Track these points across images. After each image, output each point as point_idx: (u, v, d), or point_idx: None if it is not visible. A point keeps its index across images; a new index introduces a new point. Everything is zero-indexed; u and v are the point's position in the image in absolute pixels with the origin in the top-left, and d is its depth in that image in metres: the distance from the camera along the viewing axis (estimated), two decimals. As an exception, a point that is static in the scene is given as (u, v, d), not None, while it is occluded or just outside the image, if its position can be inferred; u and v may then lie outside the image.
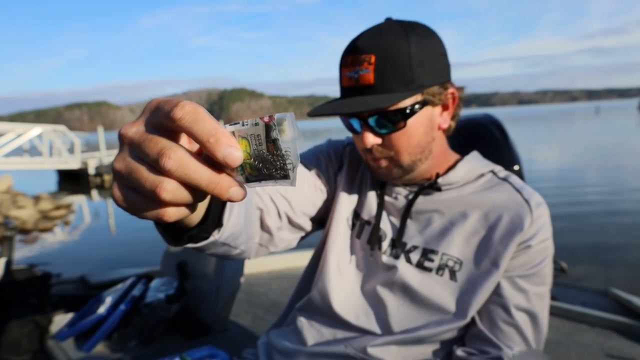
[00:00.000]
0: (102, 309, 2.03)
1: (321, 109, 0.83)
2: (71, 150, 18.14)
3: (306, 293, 1.01)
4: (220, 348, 1.67)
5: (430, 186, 0.90)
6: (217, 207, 0.58)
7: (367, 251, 0.95)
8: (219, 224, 0.59)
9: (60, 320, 2.15)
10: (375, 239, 0.94)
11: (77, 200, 14.53)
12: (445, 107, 0.88)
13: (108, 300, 2.09)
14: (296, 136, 0.36)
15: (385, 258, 0.92)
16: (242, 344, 2.11)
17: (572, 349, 2.32)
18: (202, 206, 0.53)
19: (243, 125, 0.37)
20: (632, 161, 15.31)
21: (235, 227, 0.65)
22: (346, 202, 0.99)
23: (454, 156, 0.96)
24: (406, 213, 0.92)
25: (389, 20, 0.85)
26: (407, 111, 0.82)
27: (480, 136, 3.50)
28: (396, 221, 0.94)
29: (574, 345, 2.36)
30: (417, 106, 0.82)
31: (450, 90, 0.86)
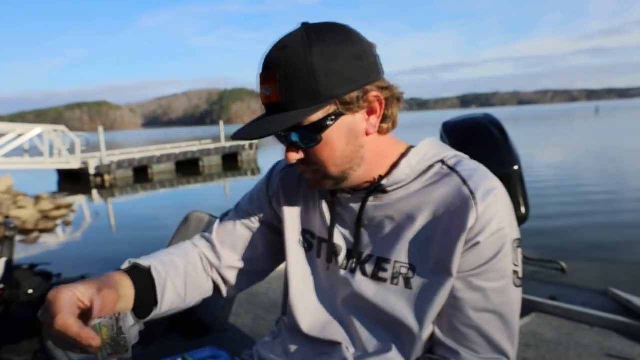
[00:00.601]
0: (102, 309, 2.04)
1: (238, 132, 0.82)
2: (71, 150, 18.14)
3: (285, 312, 1.03)
4: (221, 348, 1.67)
5: (376, 190, 0.87)
6: (148, 295, 0.88)
7: (328, 267, 0.94)
8: (155, 303, 0.89)
9: (61, 320, 2.15)
10: (330, 255, 0.93)
11: (78, 200, 14.53)
12: (371, 112, 0.83)
13: (108, 300, 2.10)
14: (130, 325, 0.72)
15: (343, 272, 0.91)
16: (242, 344, 2.11)
17: (571, 349, 2.32)
18: (129, 301, 0.83)
19: (105, 318, 0.70)
20: (632, 161, 15.31)
21: (174, 300, 0.94)
22: (293, 225, 0.99)
23: (400, 151, 0.89)
24: (358, 222, 0.89)
25: (301, 27, 0.81)
26: (321, 125, 0.79)
27: (480, 136, 3.49)
28: (350, 232, 0.91)
29: (574, 344, 2.36)
30: (330, 119, 0.79)
31: (372, 94, 0.81)
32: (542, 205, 8.62)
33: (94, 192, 16.43)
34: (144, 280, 0.89)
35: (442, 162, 0.87)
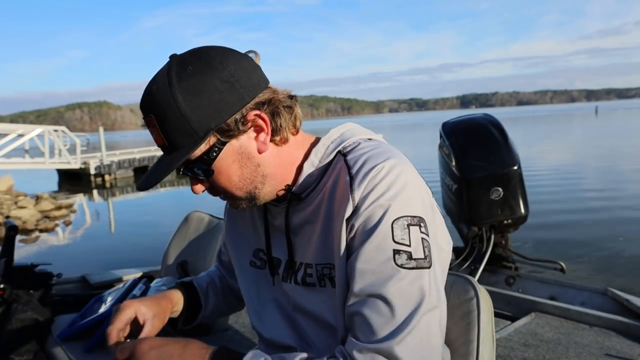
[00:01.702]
0: (103, 309, 2.04)
1: (139, 185, 0.84)
2: (72, 151, 18.16)
3: None
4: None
5: (293, 199, 0.87)
6: (195, 302, 1.09)
7: (276, 281, 0.96)
8: (200, 308, 1.11)
9: (61, 320, 2.15)
10: (272, 270, 0.95)
11: (78, 200, 14.54)
12: (258, 129, 0.81)
13: (109, 300, 2.09)
14: None
15: (284, 284, 0.93)
16: (242, 344, 2.11)
17: (571, 348, 2.32)
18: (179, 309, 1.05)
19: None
20: (632, 161, 15.30)
21: (217, 304, 1.14)
22: (241, 249, 1.03)
23: (304, 152, 0.89)
24: (287, 232, 0.89)
25: (168, 61, 0.80)
26: (207, 158, 0.79)
27: (480, 136, 3.50)
28: (282, 242, 0.92)
29: (573, 344, 2.36)
30: (214, 150, 0.79)
31: (253, 113, 0.79)
32: (542, 204, 8.62)
33: (95, 192, 16.44)
34: (190, 293, 1.09)
35: (340, 152, 0.86)
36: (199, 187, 0.86)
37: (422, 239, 0.77)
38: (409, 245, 0.75)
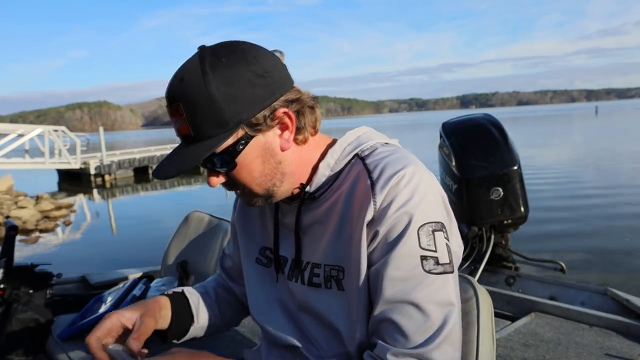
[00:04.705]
0: (103, 309, 2.04)
1: (157, 173, 0.82)
2: (72, 151, 18.16)
3: None
4: (221, 348, 1.68)
5: (306, 198, 0.87)
6: (185, 314, 1.04)
7: (281, 280, 0.96)
8: (192, 320, 1.05)
9: (61, 320, 2.15)
10: (278, 268, 0.95)
11: (78, 200, 14.55)
12: (283, 127, 0.82)
13: (109, 300, 2.09)
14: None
15: (290, 283, 0.92)
16: (242, 343, 2.11)
17: (571, 349, 2.32)
18: (166, 319, 0.99)
19: (117, 346, 0.85)
20: (632, 161, 15.30)
21: (210, 317, 1.08)
22: (249, 246, 1.02)
23: (320, 153, 0.89)
24: (297, 231, 0.90)
25: (198, 51, 0.79)
26: (233, 150, 0.79)
27: (480, 136, 3.50)
28: (291, 241, 0.92)
29: (573, 344, 2.36)
30: (241, 143, 0.79)
31: (281, 110, 0.80)
32: (542, 204, 8.62)
33: (95, 192, 16.44)
34: (180, 301, 1.04)
35: (357, 155, 0.86)
36: (217, 180, 0.84)
37: (446, 244, 0.78)
38: (435, 251, 0.77)
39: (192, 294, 1.07)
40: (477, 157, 3.06)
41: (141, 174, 19.37)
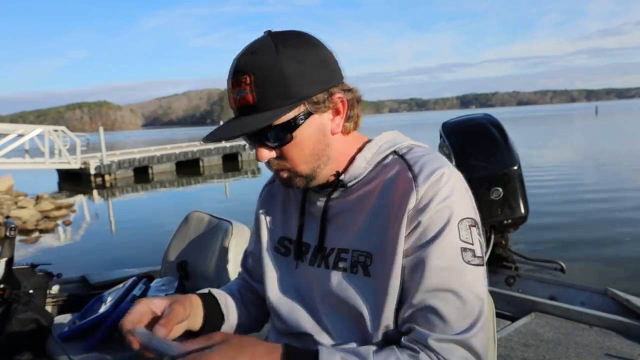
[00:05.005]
0: (103, 309, 2.04)
1: (210, 135, 0.86)
2: (72, 151, 18.16)
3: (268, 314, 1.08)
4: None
5: (338, 186, 0.92)
6: (216, 313, 1.01)
7: (300, 266, 0.98)
8: (222, 320, 1.02)
9: (61, 320, 2.15)
10: (298, 254, 0.97)
11: (78, 200, 14.55)
12: (336, 112, 0.88)
13: (109, 300, 2.10)
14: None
15: (311, 269, 0.95)
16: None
17: (571, 349, 2.32)
18: (198, 318, 0.96)
19: (143, 330, 0.79)
20: (632, 161, 15.31)
21: (239, 315, 1.06)
22: (269, 236, 1.06)
23: (358, 146, 0.94)
24: (323, 219, 0.93)
25: (266, 34, 0.85)
26: (292, 124, 0.83)
27: (480, 136, 3.49)
28: (317, 228, 0.95)
29: (573, 344, 2.36)
30: (301, 118, 0.84)
31: (337, 95, 0.86)
32: (542, 204, 8.63)
33: (95, 192, 16.45)
34: (210, 300, 1.02)
35: (395, 152, 0.91)
36: (268, 154, 0.87)
37: (479, 239, 0.84)
38: (472, 244, 0.82)
39: (220, 294, 1.06)
40: (477, 157, 3.06)
41: (141, 174, 19.37)
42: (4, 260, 2.20)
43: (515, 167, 3.12)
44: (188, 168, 21.00)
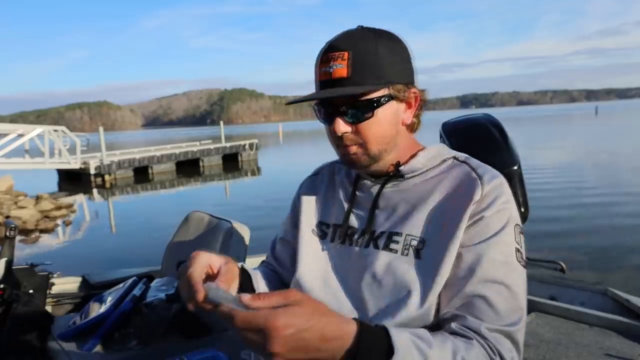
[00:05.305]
0: (102, 309, 2.04)
1: (299, 99, 0.94)
2: (72, 151, 18.15)
3: None
4: (221, 348, 1.68)
5: (394, 176, 0.98)
6: (249, 290, 0.99)
7: (340, 248, 1.02)
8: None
9: (61, 320, 2.16)
10: (343, 234, 1.02)
11: (78, 200, 14.55)
12: (409, 105, 0.97)
13: (109, 300, 2.10)
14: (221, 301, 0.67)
15: (356, 249, 0.99)
16: (242, 344, 2.11)
17: (571, 349, 2.32)
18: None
19: (213, 284, 0.72)
20: (632, 161, 15.31)
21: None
22: (308, 220, 1.10)
23: (418, 148, 1.03)
24: (374, 204, 0.99)
25: (360, 26, 0.94)
26: (375, 102, 0.91)
27: (479, 136, 3.48)
28: (366, 214, 1.00)
29: (573, 344, 2.36)
30: (384, 99, 0.92)
31: (414, 90, 0.96)
32: (542, 205, 8.63)
33: (95, 192, 16.44)
34: (244, 273, 1.02)
35: (455, 157, 1.00)
36: (345, 128, 0.93)
37: (524, 246, 0.91)
38: (521, 247, 0.90)
39: (250, 271, 1.06)
40: (477, 157, 3.04)
41: (141, 174, 19.37)
42: (4, 260, 2.20)
43: (516, 167, 3.11)
44: (188, 168, 20.99)
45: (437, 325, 0.87)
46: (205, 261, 0.84)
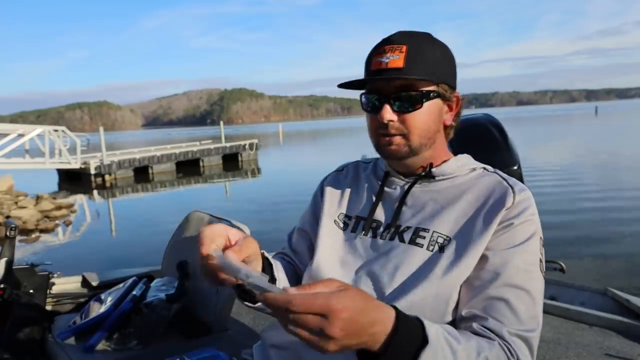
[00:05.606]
0: (103, 309, 2.04)
1: (349, 81, 0.98)
2: (72, 151, 18.15)
3: None
4: (221, 348, 1.68)
5: (425, 176, 1.01)
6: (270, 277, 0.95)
7: (364, 239, 1.03)
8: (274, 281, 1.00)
9: (61, 320, 2.15)
10: (368, 227, 1.04)
11: (78, 200, 14.55)
12: (450, 108, 1.02)
13: (109, 300, 2.10)
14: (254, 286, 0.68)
15: (380, 241, 1.01)
16: (242, 343, 2.11)
17: (571, 348, 2.32)
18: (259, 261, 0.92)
19: (222, 254, 0.78)
20: (632, 161, 15.30)
21: (287, 283, 1.06)
22: (331, 211, 1.12)
23: (450, 155, 1.06)
24: (402, 200, 1.02)
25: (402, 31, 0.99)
26: (425, 96, 0.95)
27: (480, 136, 3.49)
28: (392, 208, 1.03)
29: (573, 344, 2.36)
30: (433, 94, 0.96)
31: (456, 94, 1.01)
32: (542, 205, 8.59)
33: (95, 192, 16.45)
34: (265, 258, 1.00)
35: (484, 168, 1.04)
36: (391, 116, 0.96)
37: (544, 256, 0.95)
38: (542, 259, 0.93)
39: (271, 258, 1.03)
40: (477, 157, 3.05)
41: (141, 174, 19.37)
42: (4, 260, 2.20)
43: (516, 167, 3.11)
44: (188, 168, 21.00)
45: (453, 321, 0.89)
46: (220, 230, 0.85)
